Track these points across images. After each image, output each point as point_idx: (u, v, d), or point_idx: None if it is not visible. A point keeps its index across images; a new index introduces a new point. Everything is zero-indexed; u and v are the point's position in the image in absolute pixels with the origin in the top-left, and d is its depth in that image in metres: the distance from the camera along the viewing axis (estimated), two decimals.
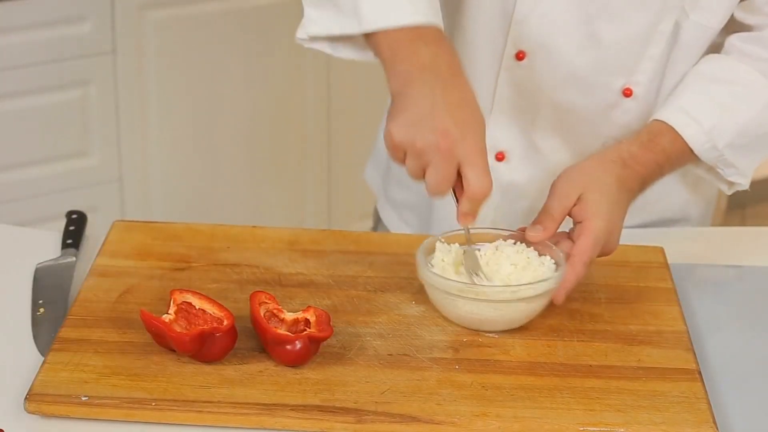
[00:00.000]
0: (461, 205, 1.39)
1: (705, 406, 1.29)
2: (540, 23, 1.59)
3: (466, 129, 1.38)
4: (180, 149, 3.00)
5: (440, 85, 1.40)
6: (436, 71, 1.40)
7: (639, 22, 1.58)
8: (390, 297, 1.45)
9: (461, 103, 1.40)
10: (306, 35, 1.52)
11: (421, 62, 1.41)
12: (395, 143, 1.38)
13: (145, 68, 2.87)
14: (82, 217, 1.61)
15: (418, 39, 1.44)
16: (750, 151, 1.59)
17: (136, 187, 2.97)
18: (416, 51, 1.43)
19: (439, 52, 1.43)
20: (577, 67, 1.60)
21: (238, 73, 2.97)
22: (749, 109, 1.57)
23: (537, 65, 1.61)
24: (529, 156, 1.69)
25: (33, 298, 1.46)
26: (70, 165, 2.87)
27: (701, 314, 1.48)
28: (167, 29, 2.87)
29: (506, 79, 1.64)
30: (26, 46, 2.72)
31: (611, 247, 1.46)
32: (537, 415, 1.27)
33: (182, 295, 1.37)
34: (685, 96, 1.57)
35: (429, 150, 1.36)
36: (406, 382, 1.31)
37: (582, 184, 1.46)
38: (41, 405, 1.26)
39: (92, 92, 2.83)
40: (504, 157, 1.69)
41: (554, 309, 1.43)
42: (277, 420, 1.26)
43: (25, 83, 2.75)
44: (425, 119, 1.37)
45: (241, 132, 3.05)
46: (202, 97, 2.97)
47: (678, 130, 1.54)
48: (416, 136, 1.37)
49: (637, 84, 1.61)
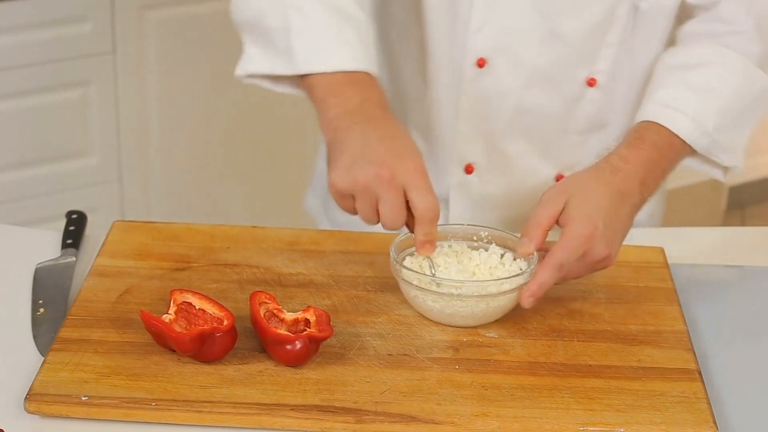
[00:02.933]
0: (416, 235, 1.41)
1: (705, 406, 1.29)
2: (497, 29, 1.59)
3: (402, 155, 1.40)
4: (180, 149, 3.00)
5: (371, 124, 1.43)
6: (365, 113, 1.44)
7: (596, 11, 1.58)
8: (390, 297, 1.45)
9: (393, 135, 1.43)
10: (244, 72, 1.56)
11: (351, 106, 1.45)
12: (340, 190, 1.41)
13: (145, 68, 2.87)
14: (82, 217, 1.61)
15: (348, 84, 1.48)
16: (739, 125, 1.58)
17: (136, 187, 2.97)
18: (346, 96, 1.46)
19: (369, 96, 1.46)
20: (539, 66, 1.60)
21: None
22: (727, 85, 1.56)
23: (499, 70, 1.62)
24: (498, 164, 1.69)
25: (33, 298, 1.46)
26: (70, 165, 2.87)
27: (701, 314, 1.48)
28: (167, 29, 2.88)
29: (469, 89, 1.64)
30: (26, 46, 2.72)
31: (600, 253, 1.42)
32: (537, 415, 1.27)
33: (182, 295, 1.37)
34: (662, 91, 1.55)
35: (371, 183, 1.38)
36: (406, 382, 1.31)
37: (568, 192, 1.44)
38: (41, 405, 1.26)
39: (92, 92, 2.83)
40: (473, 169, 1.70)
41: (554, 309, 1.43)
42: (277, 420, 1.26)
43: (25, 83, 2.75)
44: (361, 157, 1.39)
45: (241, 132, 3.05)
46: (202, 97, 2.97)
47: (665, 124, 1.52)
48: (356, 174, 1.39)
49: (600, 72, 1.62)
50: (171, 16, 2.87)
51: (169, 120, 2.96)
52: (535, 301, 1.39)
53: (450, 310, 1.39)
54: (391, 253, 1.42)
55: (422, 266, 1.43)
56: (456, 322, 1.40)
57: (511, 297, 1.40)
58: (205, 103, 2.98)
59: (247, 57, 1.57)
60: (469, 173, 1.70)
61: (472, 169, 1.70)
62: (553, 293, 1.46)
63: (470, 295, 1.38)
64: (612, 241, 1.43)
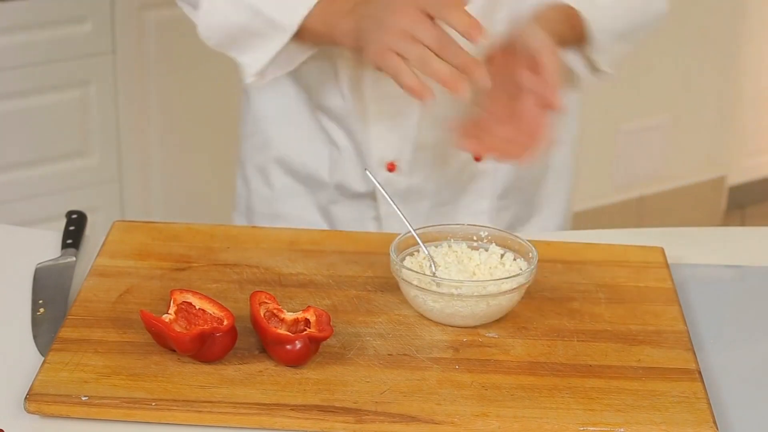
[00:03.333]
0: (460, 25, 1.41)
1: (705, 406, 1.29)
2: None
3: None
4: (180, 149, 3.00)
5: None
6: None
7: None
8: (390, 297, 1.45)
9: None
10: (252, 75, 1.59)
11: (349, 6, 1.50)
12: (382, 51, 1.42)
13: (145, 68, 2.87)
14: (82, 217, 1.61)
15: (332, 2, 1.53)
16: (626, 38, 1.66)
17: (136, 187, 2.97)
18: (340, 4, 1.51)
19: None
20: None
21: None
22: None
23: None
24: (417, 158, 1.70)
25: (33, 298, 1.46)
26: (70, 165, 2.87)
27: (701, 314, 1.48)
28: (167, 29, 2.88)
29: (374, 87, 1.65)
30: (26, 46, 2.72)
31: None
32: (537, 415, 1.27)
33: (182, 295, 1.37)
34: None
35: (405, 26, 1.40)
36: (406, 382, 1.31)
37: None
38: (41, 405, 1.26)
39: (92, 92, 2.83)
40: (395, 167, 1.70)
41: (554, 309, 1.43)
42: (277, 420, 1.26)
43: (25, 83, 2.76)
44: (385, 10, 1.42)
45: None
46: (202, 97, 2.97)
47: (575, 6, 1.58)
48: (388, 27, 1.41)
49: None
50: (171, 16, 2.87)
51: (169, 120, 2.96)
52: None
53: (450, 310, 1.39)
54: (391, 253, 1.42)
55: (422, 266, 1.43)
56: (456, 322, 1.40)
57: (511, 297, 1.40)
58: (205, 103, 2.98)
59: (244, 64, 1.61)
60: (392, 171, 1.70)
61: (394, 167, 1.70)
62: (554, 293, 1.46)
63: (470, 295, 1.38)
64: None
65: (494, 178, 1.75)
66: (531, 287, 1.44)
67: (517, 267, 1.44)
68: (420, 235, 1.45)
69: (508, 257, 1.45)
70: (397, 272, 1.41)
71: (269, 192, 1.83)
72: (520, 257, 1.45)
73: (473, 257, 1.46)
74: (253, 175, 1.85)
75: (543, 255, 1.49)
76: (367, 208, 1.76)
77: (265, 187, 1.83)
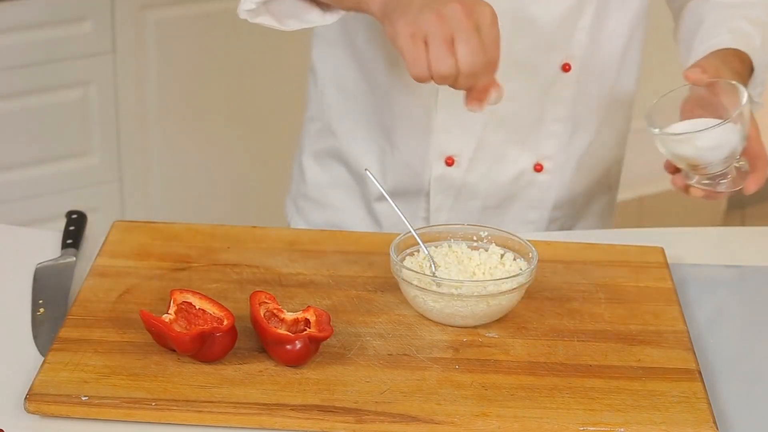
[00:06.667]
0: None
1: (705, 406, 1.29)
2: None
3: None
4: (180, 149, 3.00)
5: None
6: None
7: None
8: (390, 297, 1.45)
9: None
10: (245, 12, 1.53)
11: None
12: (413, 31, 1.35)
13: (145, 68, 2.87)
14: (82, 217, 1.61)
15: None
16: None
17: (136, 187, 2.97)
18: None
19: None
20: (515, 54, 1.61)
21: (238, 73, 2.98)
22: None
23: None
24: (478, 155, 1.70)
25: (33, 298, 1.46)
26: (70, 165, 2.87)
27: (701, 314, 1.48)
28: (167, 29, 2.88)
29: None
30: (26, 46, 2.72)
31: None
32: (537, 415, 1.27)
33: (182, 295, 1.37)
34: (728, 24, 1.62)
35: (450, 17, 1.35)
36: (406, 382, 1.31)
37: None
38: (41, 405, 1.26)
39: (92, 92, 2.83)
40: (454, 162, 1.70)
41: (554, 309, 1.43)
42: (277, 420, 1.26)
43: (25, 83, 2.75)
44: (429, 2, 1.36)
45: (241, 132, 3.06)
46: (202, 97, 2.97)
47: (740, 48, 1.59)
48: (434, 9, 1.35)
49: (573, 58, 1.64)
50: (171, 16, 2.87)
51: (169, 120, 2.96)
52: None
53: (450, 310, 1.39)
54: (391, 253, 1.42)
55: (422, 266, 1.43)
56: (456, 322, 1.40)
57: (511, 297, 1.40)
58: (205, 103, 2.98)
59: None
60: (450, 165, 1.70)
61: (453, 162, 1.70)
62: (554, 293, 1.46)
63: (470, 295, 1.38)
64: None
65: (549, 191, 1.75)
66: (531, 287, 1.44)
67: (517, 267, 1.44)
68: (420, 235, 1.46)
69: (508, 257, 1.45)
70: (397, 272, 1.41)
71: (322, 180, 1.82)
72: (520, 257, 1.45)
73: (473, 257, 1.46)
74: (308, 162, 1.84)
75: (543, 255, 1.50)
76: (416, 208, 1.76)
77: (320, 175, 1.82)
